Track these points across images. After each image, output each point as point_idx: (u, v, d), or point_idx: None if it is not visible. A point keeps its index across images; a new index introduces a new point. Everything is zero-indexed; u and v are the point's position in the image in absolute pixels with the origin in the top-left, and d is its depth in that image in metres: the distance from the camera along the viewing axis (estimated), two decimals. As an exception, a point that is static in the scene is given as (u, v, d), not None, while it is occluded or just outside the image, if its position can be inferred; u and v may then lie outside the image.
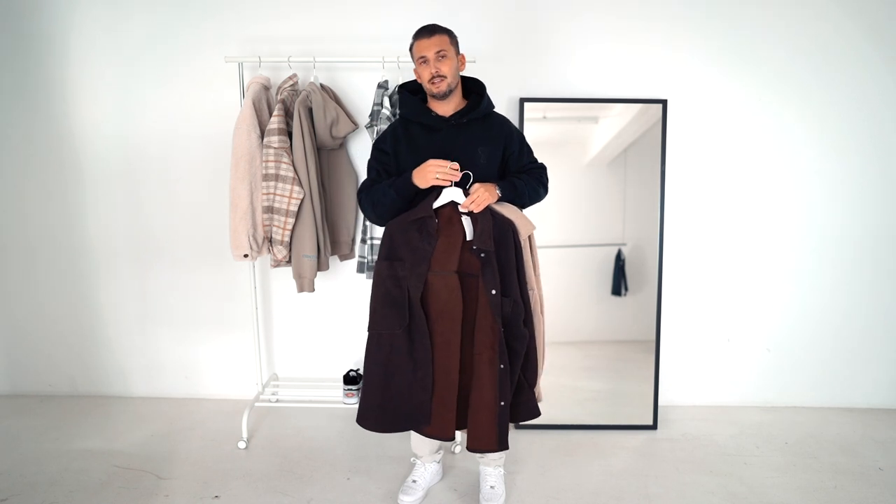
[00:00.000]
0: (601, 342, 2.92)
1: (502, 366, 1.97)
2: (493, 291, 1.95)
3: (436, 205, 2.01)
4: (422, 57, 2.01)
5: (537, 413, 2.09)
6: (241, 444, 2.69)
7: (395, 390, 2.04)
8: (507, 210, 2.03)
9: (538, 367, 2.09)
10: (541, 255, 2.81)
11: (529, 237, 2.08)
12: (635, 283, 2.87)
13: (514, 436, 2.77)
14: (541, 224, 2.79)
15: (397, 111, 2.62)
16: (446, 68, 2.00)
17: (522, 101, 2.80)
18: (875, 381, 3.05)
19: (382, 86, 2.65)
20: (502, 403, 1.98)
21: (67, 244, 3.08)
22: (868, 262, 2.95)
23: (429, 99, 2.12)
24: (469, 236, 2.00)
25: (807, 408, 3.07)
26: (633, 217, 2.84)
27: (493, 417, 1.98)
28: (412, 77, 2.75)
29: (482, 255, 1.95)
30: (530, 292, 2.05)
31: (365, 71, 2.81)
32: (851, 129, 2.85)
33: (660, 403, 2.91)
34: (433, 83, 2.02)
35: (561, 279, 2.86)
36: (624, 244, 2.85)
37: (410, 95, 2.14)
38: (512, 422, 2.09)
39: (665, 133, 2.80)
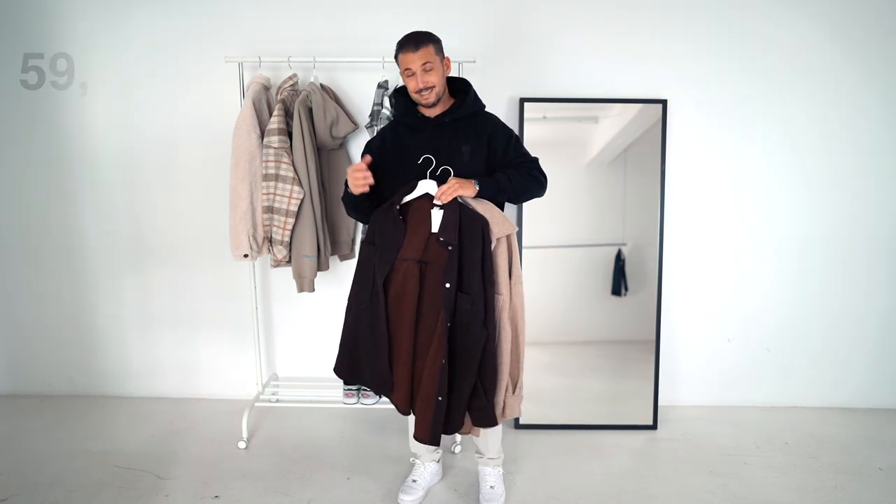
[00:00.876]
0: (601, 342, 2.92)
1: (444, 361, 1.96)
2: (448, 285, 1.95)
3: (410, 197, 2.05)
4: (408, 69, 2.01)
5: (493, 422, 2.05)
6: (241, 444, 2.69)
7: (361, 356, 2.16)
8: (484, 207, 2.02)
9: (498, 376, 2.04)
10: (540, 254, 2.84)
11: (509, 239, 2.04)
12: (635, 283, 2.86)
13: (514, 436, 2.77)
14: (541, 224, 2.81)
15: (397, 111, 2.63)
16: (434, 79, 2.00)
17: (522, 101, 2.80)
18: (875, 381, 3.05)
19: (382, 86, 2.65)
20: (440, 398, 1.97)
21: (67, 244, 3.08)
22: (869, 263, 2.95)
23: None
24: (435, 228, 2.01)
25: (807, 408, 3.07)
26: (633, 217, 2.84)
27: (429, 410, 1.99)
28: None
29: (449, 247, 1.96)
30: (497, 296, 2.01)
31: (365, 71, 2.81)
32: (852, 128, 2.85)
33: (660, 403, 2.91)
34: (422, 95, 2.03)
35: (561, 279, 2.87)
36: (624, 244, 2.85)
37: (401, 97, 2.15)
38: (474, 425, 2.09)
39: (665, 133, 2.80)
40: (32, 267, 3.11)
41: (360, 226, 2.82)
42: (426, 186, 2.04)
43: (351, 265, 2.95)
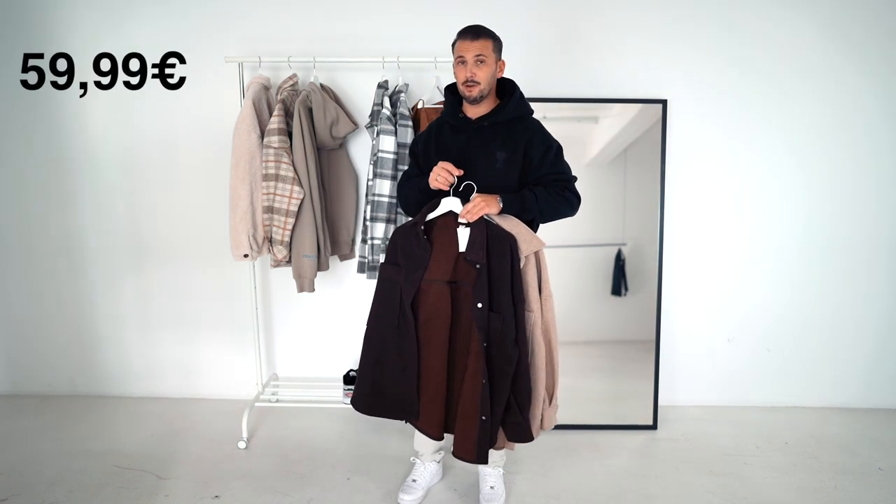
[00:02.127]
0: (601, 342, 2.92)
1: (484, 381, 1.95)
2: (479, 305, 1.94)
3: (433, 215, 2.03)
4: (460, 57, 2.00)
5: (528, 437, 2.04)
6: (241, 444, 2.69)
7: (385, 382, 2.11)
8: (510, 224, 1.98)
9: (532, 393, 2.03)
10: (541, 255, 2.84)
11: (538, 255, 2.02)
12: (635, 283, 2.86)
13: (514, 436, 2.77)
14: (540, 224, 2.80)
15: (397, 111, 2.62)
16: (482, 74, 1.99)
17: (522, 101, 2.79)
18: (875, 380, 3.05)
19: (382, 86, 2.65)
20: (483, 418, 1.96)
21: (67, 244, 3.08)
22: (869, 263, 2.95)
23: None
24: (462, 247, 1.99)
25: (807, 408, 3.07)
26: (633, 217, 2.84)
27: (473, 430, 1.98)
28: (412, 77, 2.77)
29: (477, 266, 1.94)
30: (528, 313, 1.99)
31: (365, 71, 2.81)
32: (852, 128, 2.85)
33: (660, 403, 2.91)
34: (467, 86, 2.01)
35: (561, 279, 2.86)
36: (624, 244, 2.85)
37: (450, 95, 2.14)
38: (509, 440, 2.09)
39: (665, 133, 2.80)
40: (32, 267, 3.11)
41: (360, 225, 2.82)
42: (450, 204, 2.00)
43: (351, 265, 2.96)
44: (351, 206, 2.85)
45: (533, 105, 2.78)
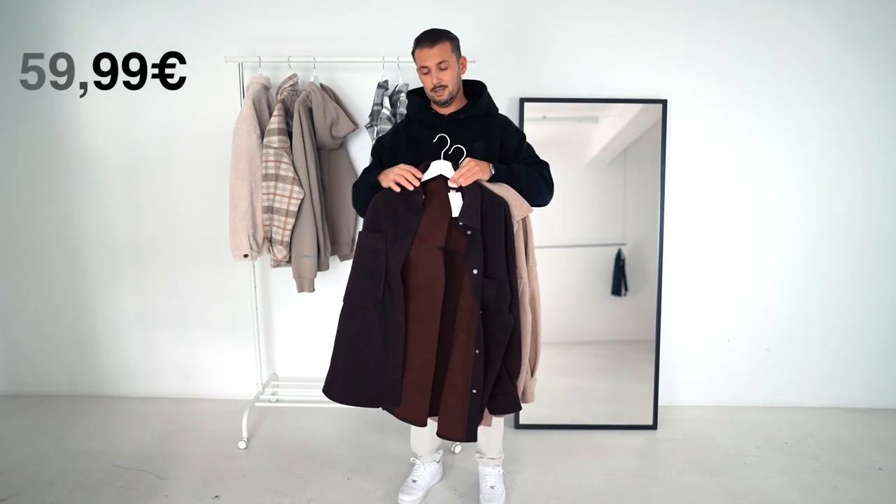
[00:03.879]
0: (601, 342, 2.92)
1: (477, 351, 1.88)
2: (475, 271, 1.87)
3: (422, 178, 1.96)
4: (423, 67, 2.02)
5: (517, 406, 1.97)
6: (241, 444, 2.69)
7: (363, 365, 1.99)
8: (502, 189, 1.95)
9: (522, 361, 1.96)
10: (541, 255, 2.81)
11: (525, 221, 1.98)
12: (635, 283, 2.86)
13: (514, 436, 2.77)
14: (541, 224, 2.79)
15: (397, 111, 2.63)
16: (448, 78, 2.01)
17: (522, 101, 2.80)
18: (875, 381, 3.05)
19: (382, 86, 2.65)
20: (474, 391, 1.89)
21: (67, 244, 3.08)
22: (869, 263, 2.95)
23: None
24: (455, 212, 1.93)
25: (807, 408, 3.07)
26: (633, 217, 2.84)
27: (462, 404, 1.91)
28: (412, 77, 2.77)
29: (469, 232, 1.89)
30: (519, 280, 1.94)
31: (365, 71, 2.81)
32: (852, 128, 2.85)
33: (660, 403, 2.91)
34: (435, 92, 2.03)
35: (561, 279, 2.87)
36: (624, 244, 2.85)
37: (415, 96, 2.17)
38: (492, 413, 2.00)
39: (665, 133, 2.80)
40: (33, 267, 3.11)
41: (361, 225, 2.82)
42: (440, 167, 1.95)
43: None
44: (351, 207, 2.85)
45: (533, 105, 2.81)
